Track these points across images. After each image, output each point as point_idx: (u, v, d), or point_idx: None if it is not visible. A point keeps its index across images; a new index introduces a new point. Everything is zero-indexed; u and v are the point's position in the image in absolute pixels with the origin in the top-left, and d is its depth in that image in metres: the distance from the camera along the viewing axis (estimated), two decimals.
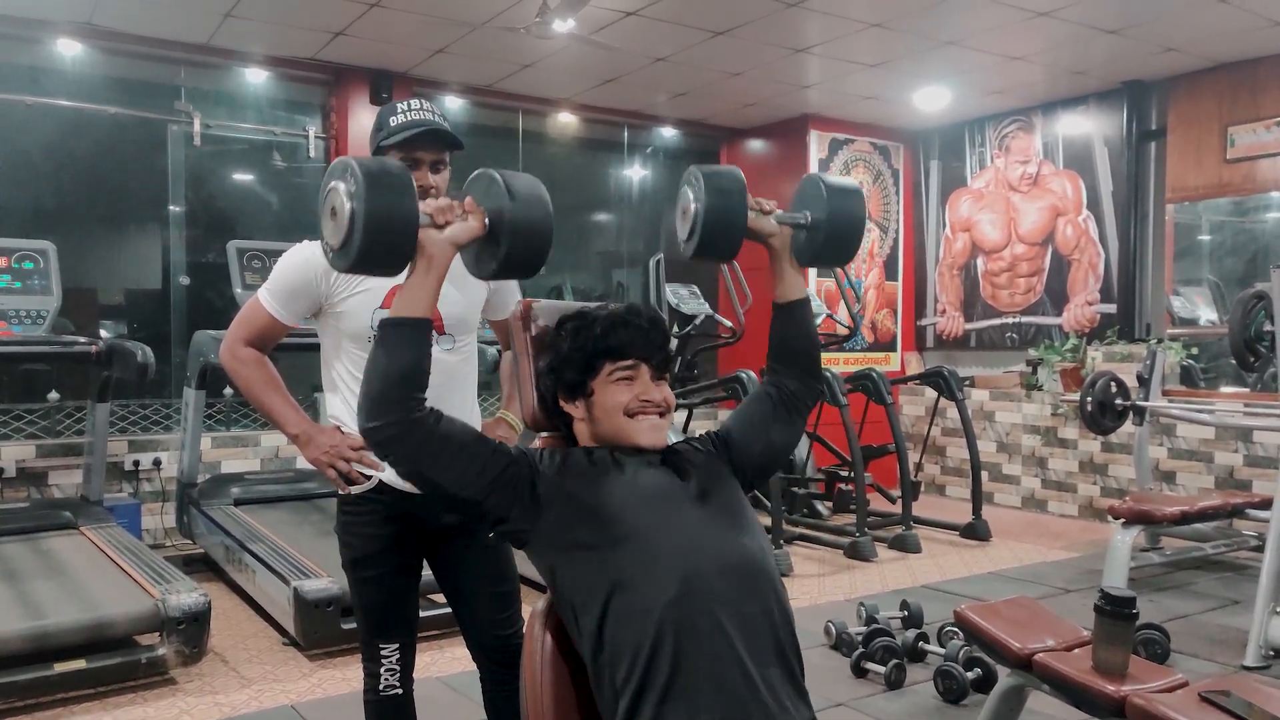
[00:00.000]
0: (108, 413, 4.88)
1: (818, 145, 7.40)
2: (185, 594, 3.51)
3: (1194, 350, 6.22)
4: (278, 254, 2.19)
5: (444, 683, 3.44)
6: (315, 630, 3.68)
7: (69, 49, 5.51)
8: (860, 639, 3.62)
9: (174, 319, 5.91)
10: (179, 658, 3.44)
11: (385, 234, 1.46)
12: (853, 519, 5.65)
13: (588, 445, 1.66)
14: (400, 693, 2.14)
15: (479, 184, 1.60)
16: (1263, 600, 3.62)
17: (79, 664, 3.26)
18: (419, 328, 1.51)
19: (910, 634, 3.69)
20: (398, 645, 2.13)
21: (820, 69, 6.18)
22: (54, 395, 5.33)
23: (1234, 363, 4.73)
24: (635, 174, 7.76)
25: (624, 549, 1.48)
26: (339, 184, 1.49)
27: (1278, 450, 5.56)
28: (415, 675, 2.20)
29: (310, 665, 3.68)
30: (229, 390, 5.69)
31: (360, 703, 2.16)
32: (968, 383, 7.00)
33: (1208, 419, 5.37)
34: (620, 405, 1.61)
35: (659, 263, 5.98)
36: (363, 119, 6.08)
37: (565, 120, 7.19)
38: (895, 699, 3.31)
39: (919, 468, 6.67)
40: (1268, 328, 4.28)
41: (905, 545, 5.59)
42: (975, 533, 5.87)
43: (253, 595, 4.26)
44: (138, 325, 6.03)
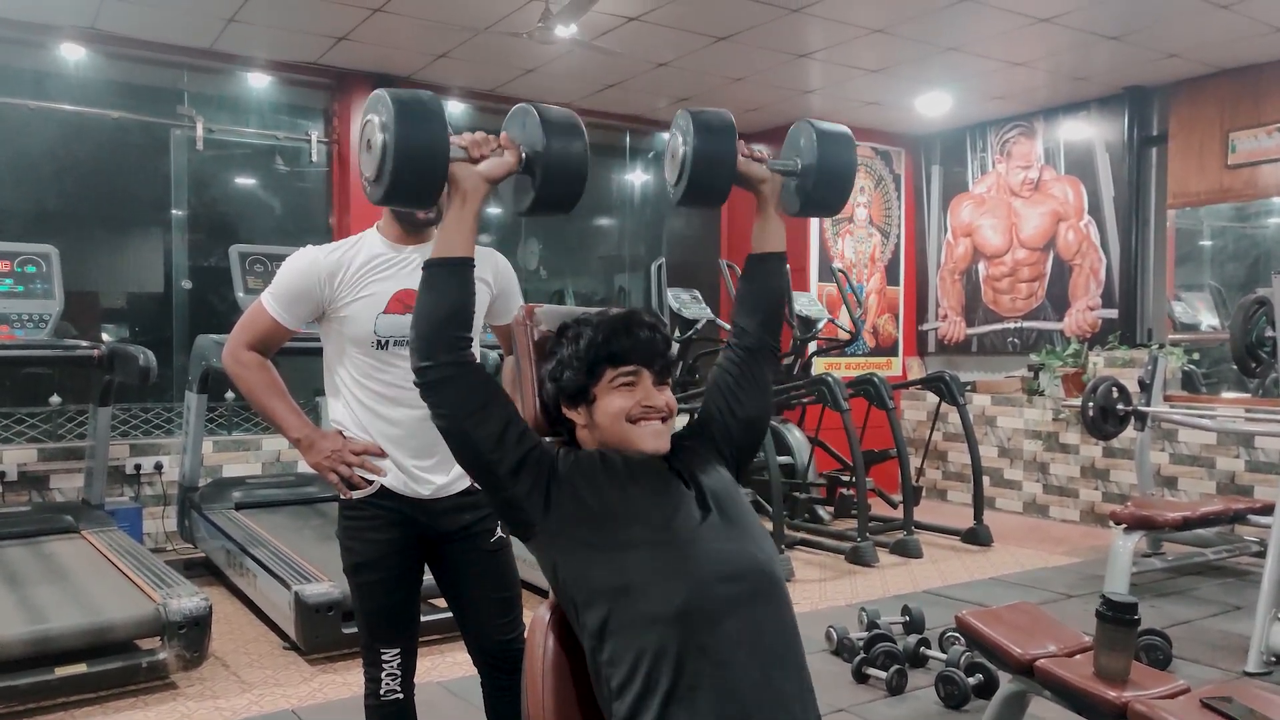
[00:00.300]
0: (109, 416, 4.88)
1: None
2: (186, 598, 3.50)
3: (1195, 355, 6.22)
4: (280, 258, 2.19)
5: (445, 687, 3.43)
6: (316, 635, 3.68)
7: (72, 53, 5.52)
8: (861, 644, 3.62)
9: (176, 323, 5.92)
10: (180, 662, 3.44)
11: (416, 161, 1.47)
12: (854, 524, 5.64)
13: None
14: (401, 697, 2.14)
15: (515, 119, 1.61)
16: (1264, 606, 3.62)
17: (80, 668, 3.26)
18: (462, 266, 1.56)
19: (912, 639, 3.69)
20: (399, 650, 2.13)
21: (822, 74, 6.19)
22: (56, 399, 5.33)
23: (1235, 368, 4.73)
24: (637, 179, 7.76)
25: (631, 554, 1.48)
26: (373, 116, 1.51)
27: (1279, 456, 5.56)
28: (416, 680, 2.20)
29: (311, 670, 3.68)
30: (230, 394, 5.70)
31: (361, 707, 2.16)
32: (969, 388, 6.99)
33: (1209, 424, 5.37)
34: (622, 411, 1.60)
35: (661, 267, 5.99)
36: None
37: None
38: (896, 704, 3.31)
39: (920, 473, 6.66)
40: (1269, 333, 4.28)
41: (907, 550, 5.59)
42: (977, 538, 5.86)
43: (254, 600, 4.26)
44: (140, 329, 6.03)
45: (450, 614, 2.27)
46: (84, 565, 4.03)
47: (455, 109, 6.59)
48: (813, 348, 6.71)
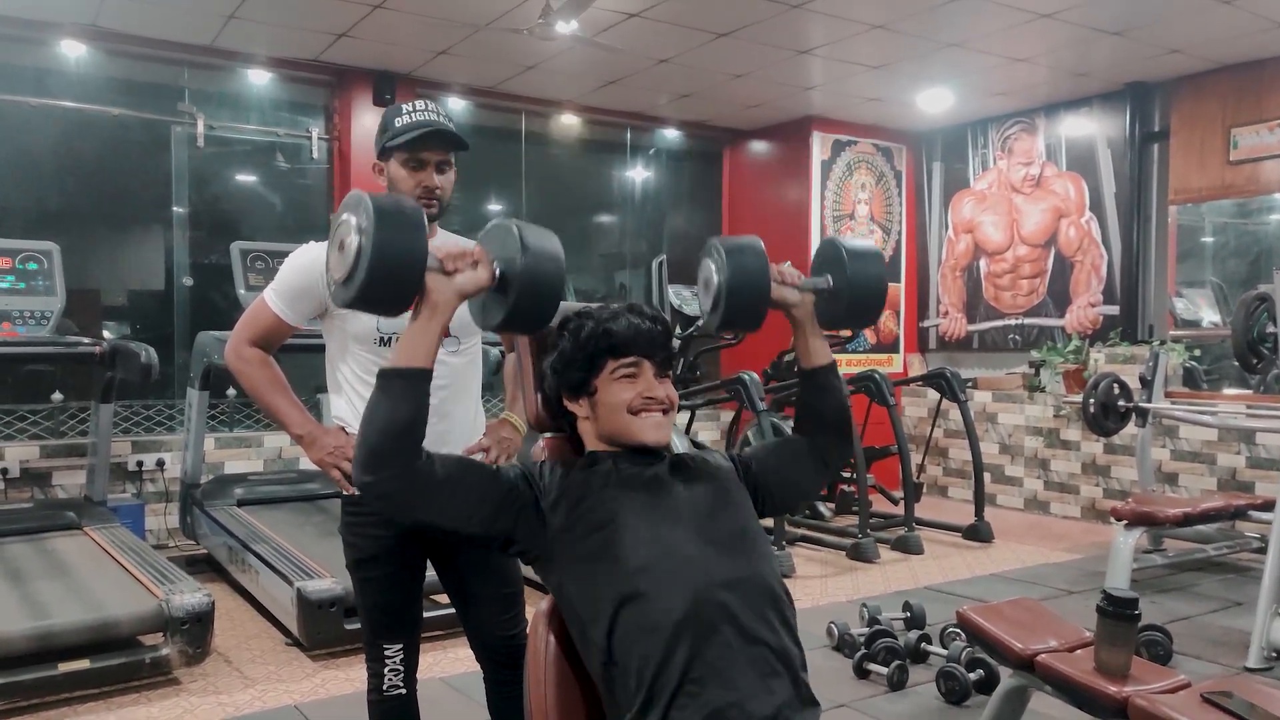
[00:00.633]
0: (111, 413, 4.89)
1: (820, 147, 7.40)
2: (189, 594, 3.51)
3: (1196, 352, 6.22)
4: (280, 255, 2.20)
5: (447, 683, 3.44)
6: (318, 631, 3.68)
7: (73, 50, 5.52)
8: (862, 640, 3.63)
9: (177, 320, 5.92)
10: (182, 658, 3.45)
11: (391, 271, 1.42)
12: (855, 520, 5.65)
13: (592, 446, 1.66)
14: (404, 693, 2.15)
15: (495, 234, 1.55)
16: (1265, 602, 3.62)
17: (83, 664, 3.27)
18: (420, 377, 1.48)
19: (912, 635, 3.70)
20: (401, 646, 2.14)
21: (823, 70, 6.18)
22: (58, 396, 5.34)
23: (1236, 364, 4.73)
24: (638, 175, 7.76)
25: (632, 562, 1.47)
26: (351, 217, 1.45)
27: None
28: (419, 675, 2.20)
29: (313, 665, 3.69)
30: (232, 391, 5.71)
31: (364, 703, 2.17)
32: (970, 384, 6.99)
33: (1210, 421, 5.37)
34: (624, 403, 1.60)
35: (661, 264, 5.98)
36: (366, 120, 6.09)
37: (568, 122, 7.19)
38: (897, 700, 3.31)
39: (921, 469, 6.66)
40: (1270, 329, 4.28)
41: (907, 547, 5.59)
42: (977, 534, 5.87)
43: (256, 596, 4.27)
44: (141, 326, 6.03)
45: (453, 610, 2.28)
46: (87, 562, 4.04)
47: (456, 106, 6.59)
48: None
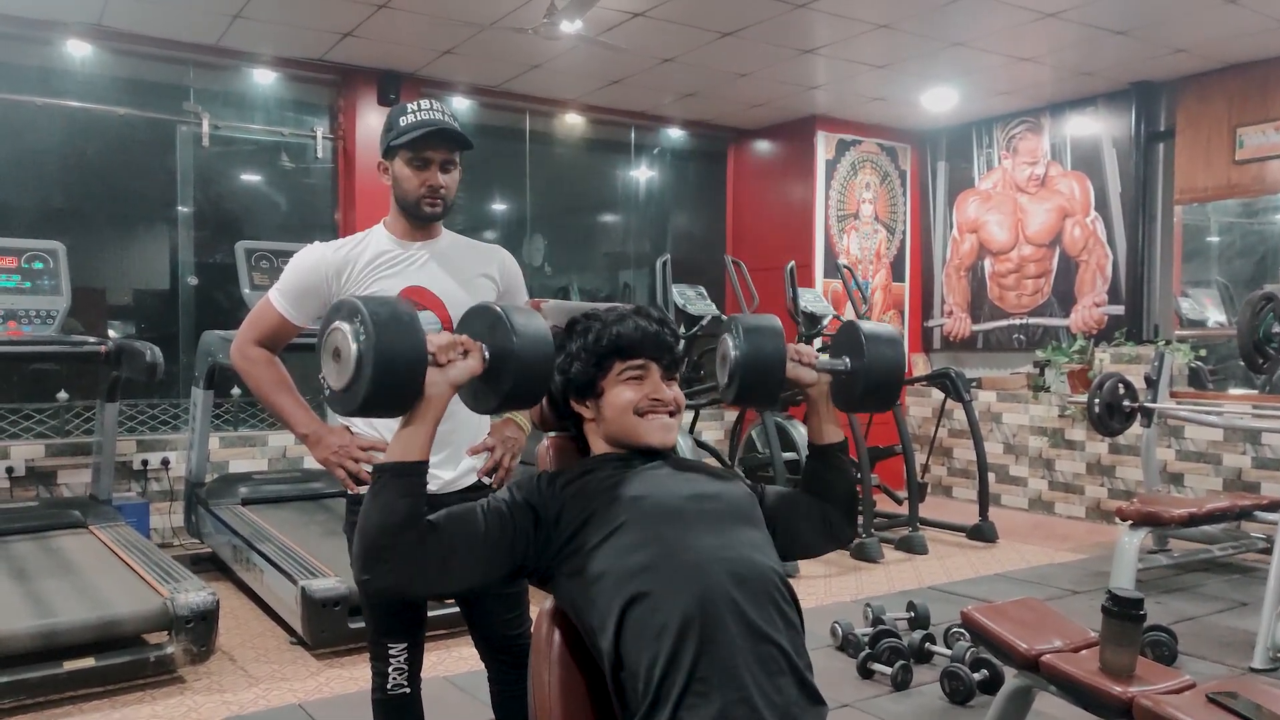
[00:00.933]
0: (116, 412, 4.90)
1: (825, 146, 7.40)
2: (193, 593, 3.52)
3: (1202, 352, 6.20)
4: (285, 255, 2.20)
5: (451, 682, 3.44)
6: (323, 629, 3.69)
7: (78, 50, 5.53)
8: (866, 640, 3.62)
9: (182, 319, 5.93)
10: (187, 656, 3.45)
11: (395, 378, 1.41)
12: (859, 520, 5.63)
13: (598, 447, 1.67)
14: (408, 692, 2.15)
15: (480, 319, 1.55)
16: (1270, 602, 3.61)
17: (88, 662, 3.28)
18: (417, 471, 1.47)
19: (917, 635, 3.69)
20: (406, 645, 2.14)
21: (827, 70, 6.18)
22: (63, 395, 5.35)
23: (1242, 364, 4.71)
24: (642, 175, 7.76)
25: (636, 563, 1.47)
26: (344, 324, 1.43)
27: None
28: (423, 674, 2.20)
29: (318, 664, 3.69)
30: (237, 390, 5.71)
31: (368, 702, 2.17)
32: (975, 384, 6.99)
33: (1216, 421, 5.36)
34: (630, 404, 1.61)
35: (666, 264, 5.98)
36: (370, 120, 6.10)
37: (572, 121, 7.20)
38: (901, 700, 3.31)
39: (926, 469, 6.66)
40: (1276, 329, 4.27)
41: (912, 546, 5.59)
42: (982, 534, 5.86)
43: (260, 595, 4.27)
44: (146, 325, 6.04)
45: (457, 609, 2.28)
46: (91, 560, 4.05)
47: (460, 105, 6.59)
48: (818, 344, 6.70)
